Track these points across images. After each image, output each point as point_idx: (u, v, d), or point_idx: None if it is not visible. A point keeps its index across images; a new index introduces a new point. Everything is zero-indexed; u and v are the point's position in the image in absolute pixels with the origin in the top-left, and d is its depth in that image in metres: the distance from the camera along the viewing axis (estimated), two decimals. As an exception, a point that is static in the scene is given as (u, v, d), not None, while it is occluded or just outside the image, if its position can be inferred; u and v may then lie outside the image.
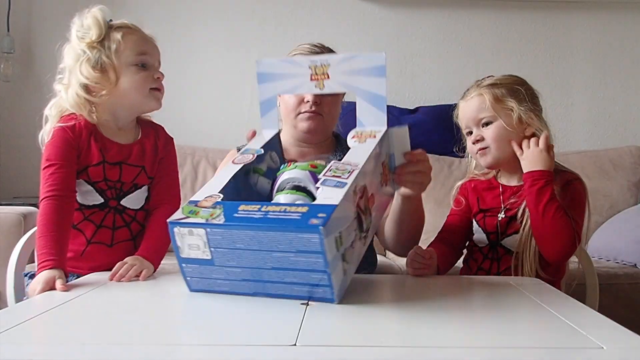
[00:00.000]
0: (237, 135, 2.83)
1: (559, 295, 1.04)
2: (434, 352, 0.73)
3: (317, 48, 1.55)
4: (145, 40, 1.31)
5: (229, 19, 2.86)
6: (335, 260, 0.88)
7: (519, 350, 0.74)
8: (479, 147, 1.37)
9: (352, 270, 0.98)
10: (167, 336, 0.81)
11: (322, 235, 0.84)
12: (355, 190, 0.95)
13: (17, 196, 2.61)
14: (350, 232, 0.93)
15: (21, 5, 2.82)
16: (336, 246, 0.88)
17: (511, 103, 1.35)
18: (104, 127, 1.30)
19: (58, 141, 1.24)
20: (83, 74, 1.25)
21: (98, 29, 1.27)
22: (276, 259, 0.89)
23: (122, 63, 1.26)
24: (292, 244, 0.87)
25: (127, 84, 1.27)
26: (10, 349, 0.72)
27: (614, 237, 2.28)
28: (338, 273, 0.90)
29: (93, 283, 1.12)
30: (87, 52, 1.26)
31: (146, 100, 1.30)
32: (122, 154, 1.29)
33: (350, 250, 0.94)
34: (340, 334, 0.81)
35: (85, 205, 1.27)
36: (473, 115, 1.38)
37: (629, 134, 2.89)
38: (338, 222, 0.89)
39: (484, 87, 1.38)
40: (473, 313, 0.94)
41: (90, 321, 0.88)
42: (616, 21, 2.89)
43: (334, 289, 0.90)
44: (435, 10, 2.90)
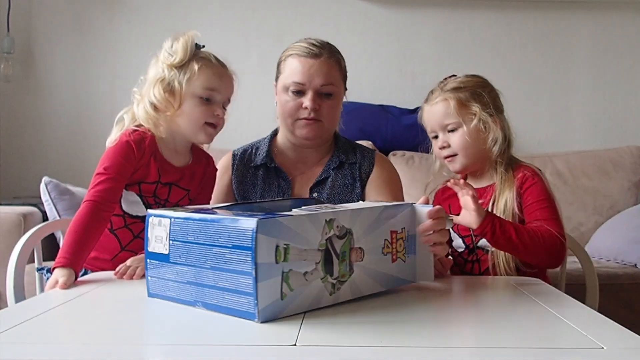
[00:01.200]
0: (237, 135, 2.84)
1: (559, 295, 1.04)
2: (434, 352, 0.73)
3: (314, 48, 1.44)
4: (219, 77, 1.35)
5: (228, 19, 2.86)
6: (269, 271, 0.82)
7: (519, 350, 0.74)
8: (446, 154, 1.40)
9: (297, 305, 0.86)
10: (167, 336, 0.81)
11: (255, 227, 0.80)
12: (330, 222, 0.89)
13: (17, 196, 2.61)
14: (307, 259, 0.86)
15: (21, 5, 2.82)
16: (276, 255, 0.82)
17: (475, 107, 1.37)
18: (164, 147, 1.35)
19: (120, 153, 1.29)
20: (154, 93, 1.31)
21: (183, 55, 1.32)
22: (214, 256, 0.86)
23: (190, 92, 1.31)
24: (230, 237, 0.84)
25: (186, 112, 1.32)
26: (10, 349, 0.72)
27: (614, 237, 2.28)
28: (270, 289, 0.82)
29: (93, 283, 1.12)
30: (165, 72, 1.32)
31: (197, 133, 1.35)
32: (176, 176, 1.36)
33: (302, 280, 0.86)
34: (340, 334, 0.81)
35: (129, 214, 1.33)
36: (438, 120, 1.39)
37: (629, 133, 2.88)
38: (288, 233, 0.83)
39: (448, 92, 1.39)
40: (473, 313, 0.94)
41: (90, 321, 0.88)
42: (616, 21, 2.89)
43: (258, 303, 0.81)
44: (435, 10, 2.90)
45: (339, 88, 1.48)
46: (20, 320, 0.83)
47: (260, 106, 2.80)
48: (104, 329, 0.83)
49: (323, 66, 1.43)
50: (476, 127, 1.36)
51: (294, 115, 1.45)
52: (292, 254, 0.84)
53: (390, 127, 2.64)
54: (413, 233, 1.05)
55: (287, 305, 0.85)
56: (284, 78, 1.46)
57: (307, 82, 1.42)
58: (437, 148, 1.42)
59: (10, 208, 2.12)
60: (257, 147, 1.57)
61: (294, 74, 1.43)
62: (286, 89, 1.45)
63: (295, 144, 1.51)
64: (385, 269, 1.00)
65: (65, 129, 2.79)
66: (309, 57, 1.43)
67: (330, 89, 1.44)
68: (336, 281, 0.91)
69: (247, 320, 0.83)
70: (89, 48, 2.79)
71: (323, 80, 1.42)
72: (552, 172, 2.56)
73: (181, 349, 0.74)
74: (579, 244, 1.53)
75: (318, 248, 0.88)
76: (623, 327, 0.80)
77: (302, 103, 1.43)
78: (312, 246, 0.87)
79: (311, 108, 1.42)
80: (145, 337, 0.81)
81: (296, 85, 1.43)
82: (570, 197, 2.50)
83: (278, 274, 0.83)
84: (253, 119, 2.80)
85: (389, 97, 2.80)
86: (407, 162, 2.57)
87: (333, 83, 1.44)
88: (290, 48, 1.49)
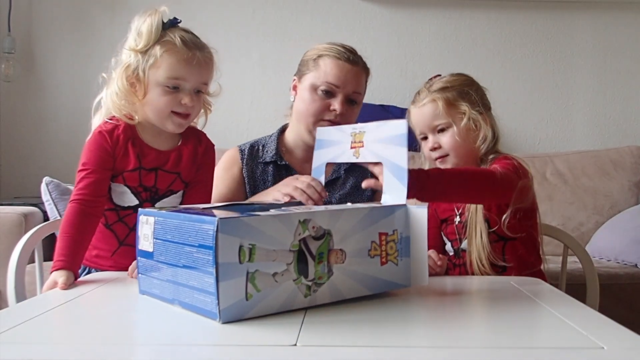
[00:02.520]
0: (237, 135, 2.84)
1: (559, 295, 1.04)
2: (434, 352, 0.73)
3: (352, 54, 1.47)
4: (185, 63, 1.23)
5: (229, 19, 2.86)
6: (232, 271, 0.81)
7: (519, 350, 0.74)
8: (437, 155, 1.37)
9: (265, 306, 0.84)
10: (168, 336, 0.81)
11: (216, 226, 0.79)
12: (304, 222, 0.87)
13: (18, 196, 2.61)
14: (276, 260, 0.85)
15: (22, 5, 2.82)
16: (240, 255, 0.81)
17: (464, 107, 1.35)
18: (144, 131, 1.29)
19: (94, 146, 1.25)
20: (117, 83, 1.24)
21: (147, 39, 1.23)
22: (186, 254, 0.86)
23: (153, 80, 1.23)
24: (196, 236, 0.83)
25: (151, 101, 1.25)
26: (10, 349, 0.72)
27: (614, 237, 2.28)
28: (233, 289, 0.81)
29: (93, 283, 1.12)
30: (131, 58, 1.24)
31: (164, 122, 1.27)
32: (159, 160, 1.29)
33: (270, 281, 0.84)
34: (340, 334, 0.81)
35: (121, 207, 1.28)
36: (427, 122, 1.37)
37: (629, 133, 2.89)
38: (254, 233, 0.82)
39: (435, 92, 1.36)
40: (473, 313, 0.94)
41: (90, 321, 0.88)
42: (616, 21, 2.89)
43: (220, 303, 0.80)
44: (435, 10, 2.90)
45: (362, 98, 1.52)
46: (20, 320, 0.83)
47: (261, 105, 2.80)
48: (104, 329, 0.83)
49: (358, 74, 1.47)
50: (466, 126, 1.34)
51: (319, 116, 1.45)
52: (259, 254, 0.83)
53: (391, 127, 2.64)
54: (407, 235, 1.00)
55: (254, 306, 0.83)
56: (315, 77, 1.45)
57: (341, 85, 1.44)
58: (427, 149, 1.40)
59: (11, 208, 2.12)
60: (263, 144, 1.56)
61: (329, 74, 1.43)
62: (315, 88, 1.44)
63: (307, 143, 1.50)
64: (372, 272, 0.96)
65: (65, 128, 2.79)
66: (348, 62, 1.45)
67: (358, 97, 1.48)
68: (312, 283, 0.89)
69: (247, 320, 0.83)
70: (90, 48, 2.79)
71: (355, 87, 1.45)
72: (553, 172, 2.56)
73: (180, 349, 0.74)
74: (580, 244, 1.53)
75: (290, 249, 0.86)
76: (623, 327, 0.80)
77: (329, 104, 1.44)
78: (283, 247, 0.85)
79: (340, 112, 1.43)
80: (145, 337, 0.81)
81: (329, 86, 1.44)
82: (571, 197, 2.50)
83: (242, 274, 0.82)
84: (254, 117, 2.80)
85: (389, 97, 2.80)
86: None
87: (361, 92, 1.49)
88: (322, 48, 1.49)
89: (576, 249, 1.49)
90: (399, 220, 0.99)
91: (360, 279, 0.95)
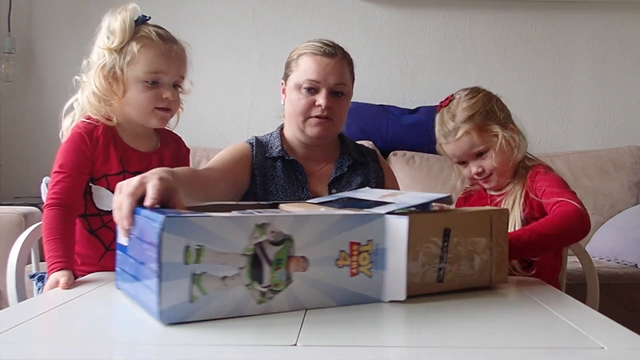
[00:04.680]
0: (237, 135, 2.84)
1: (559, 295, 1.04)
2: (434, 352, 0.73)
3: (329, 47, 1.45)
4: (163, 57, 1.24)
5: (229, 19, 2.86)
6: (175, 271, 0.79)
7: (519, 350, 0.74)
8: (482, 178, 1.41)
9: (212, 310, 0.82)
10: (167, 336, 0.81)
11: (161, 225, 0.77)
12: (262, 227, 0.84)
13: (18, 196, 2.61)
14: (226, 262, 0.82)
15: (22, 5, 2.82)
16: (186, 256, 0.79)
17: (495, 129, 1.38)
18: (124, 132, 1.27)
19: (72, 148, 1.23)
20: (95, 83, 1.22)
21: (121, 36, 1.21)
22: (142, 251, 0.85)
23: (132, 77, 1.22)
24: (149, 233, 0.82)
25: (132, 98, 1.24)
26: (10, 349, 0.72)
27: (614, 237, 2.28)
28: (176, 290, 0.79)
29: (93, 283, 1.12)
30: (106, 57, 1.22)
31: (147, 118, 1.26)
32: (142, 163, 1.27)
33: (218, 284, 0.81)
34: (340, 334, 0.80)
35: (104, 211, 1.26)
36: (466, 152, 1.40)
37: (629, 133, 2.89)
38: (203, 234, 0.80)
39: (465, 123, 1.38)
40: (473, 313, 0.93)
41: (90, 321, 0.88)
42: (616, 21, 2.89)
43: (161, 303, 0.78)
44: (435, 10, 2.90)
45: (350, 88, 1.50)
46: (20, 320, 0.83)
47: (261, 104, 2.80)
48: (104, 329, 0.83)
49: (337, 65, 1.44)
50: (501, 147, 1.38)
51: (306, 113, 1.44)
52: (207, 256, 0.80)
53: (391, 127, 2.64)
54: (384, 247, 0.93)
55: (199, 309, 0.81)
56: (297, 76, 1.45)
57: (322, 80, 1.42)
58: (467, 172, 1.43)
59: (11, 208, 2.12)
60: (267, 140, 1.55)
61: (309, 71, 1.43)
62: (298, 87, 1.44)
63: (303, 142, 1.51)
64: (340, 283, 0.91)
65: (65, 129, 2.79)
66: (324, 55, 1.43)
67: (343, 89, 1.46)
68: (267, 290, 0.85)
69: (246, 320, 0.83)
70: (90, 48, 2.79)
71: (337, 79, 1.43)
72: (553, 172, 2.57)
73: (181, 348, 0.73)
74: (580, 244, 1.53)
75: (244, 253, 0.83)
76: (623, 327, 0.80)
77: (314, 101, 1.43)
78: (236, 250, 0.82)
79: (325, 106, 1.42)
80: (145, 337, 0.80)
81: (311, 82, 1.43)
82: (571, 197, 2.50)
83: (186, 276, 0.79)
84: (254, 117, 2.80)
85: (389, 97, 2.80)
86: (408, 162, 2.57)
87: (345, 83, 1.46)
88: (301, 47, 1.49)
89: (576, 249, 1.49)
90: (375, 231, 0.93)
91: (325, 290, 0.90)
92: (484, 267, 1.03)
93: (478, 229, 1.02)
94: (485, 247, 1.03)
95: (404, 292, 0.93)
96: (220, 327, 0.81)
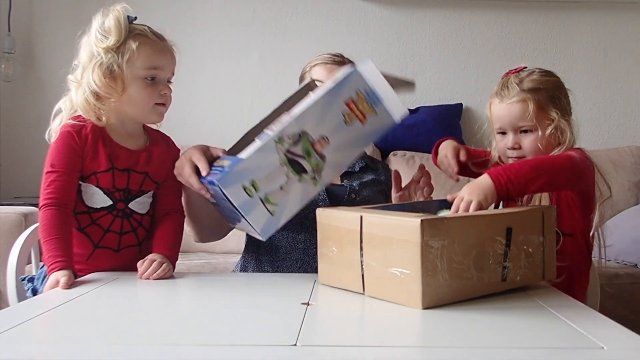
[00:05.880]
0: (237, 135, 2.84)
1: (559, 295, 1.04)
2: (434, 352, 0.73)
3: (338, 57, 1.56)
4: (160, 53, 1.27)
5: (230, 19, 2.86)
6: (249, 204, 1.06)
7: (519, 350, 0.74)
8: (516, 155, 1.32)
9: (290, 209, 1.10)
10: (167, 336, 0.81)
11: (219, 186, 1.05)
12: (282, 138, 1.07)
13: (18, 196, 2.61)
14: (275, 177, 1.07)
15: (22, 5, 2.82)
16: (247, 192, 1.05)
17: (554, 114, 1.29)
18: (113, 131, 1.28)
19: (62, 146, 1.23)
20: (94, 80, 1.22)
21: (117, 35, 1.23)
22: (224, 202, 1.10)
23: (132, 74, 1.23)
24: (217, 193, 1.09)
25: (133, 95, 1.24)
26: (10, 349, 0.72)
27: (614, 237, 2.28)
28: (258, 214, 1.07)
29: (94, 283, 1.12)
30: (102, 56, 1.23)
31: (148, 114, 1.28)
32: (131, 160, 1.28)
33: (280, 193, 1.08)
34: (340, 334, 0.81)
35: (94, 208, 1.25)
36: (513, 122, 1.30)
37: (629, 134, 2.89)
38: (247, 172, 1.05)
39: (527, 92, 1.30)
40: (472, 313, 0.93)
41: (90, 321, 0.88)
42: (616, 21, 2.89)
43: (256, 228, 1.08)
44: (435, 10, 2.90)
45: None
46: (20, 320, 0.83)
47: (261, 104, 2.80)
48: (104, 329, 0.83)
49: None
50: (551, 134, 1.29)
51: None
52: (259, 182, 1.06)
53: (391, 127, 2.64)
54: (371, 87, 1.14)
55: (281, 215, 1.09)
56: None
57: None
58: (503, 144, 1.34)
59: (11, 208, 2.12)
60: None
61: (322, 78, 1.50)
62: None
63: None
64: (358, 134, 1.14)
65: (65, 129, 2.79)
66: (335, 64, 1.54)
67: None
68: (314, 173, 1.11)
69: (246, 320, 0.83)
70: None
71: None
72: (553, 172, 2.56)
73: (181, 348, 0.74)
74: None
75: (281, 164, 1.08)
76: (623, 327, 0.80)
77: None
78: (275, 166, 1.07)
79: None
80: (144, 337, 0.81)
81: None
82: (571, 197, 2.50)
83: (257, 202, 1.06)
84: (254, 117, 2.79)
85: (389, 97, 2.80)
86: (408, 162, 2.57)
87: None
88: (314, 60, 1.60)
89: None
90: (356, 83, 1.14)
91: (351, 144, 1.14)
92: (538, 264, 1.06)
93: (532, 226, 1.05)
94: (539, 244, 1.06)
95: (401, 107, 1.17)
96: (221, 327, 0.81)
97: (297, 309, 0.89)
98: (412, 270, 0.89)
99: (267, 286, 1.13)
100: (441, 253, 0.90)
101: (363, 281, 0.98)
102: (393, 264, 0.92)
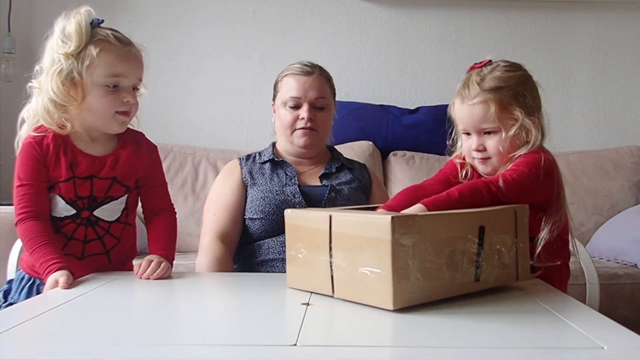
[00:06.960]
0: (237, 135, 2.84)
1: (559, 295, 1.04)
2: (433, 352, 0.73)
3: (307, 67, 1.61)
4: (123, 60, 1.21)
5: (229, 19, 2.86)
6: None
7: (519, 350, 0.74)
8: (481, 156, 1.29)
9: None
10: (167, 336, 0.81)
11: None
12: None
13: (18, 196, 2.61)
14: None
15: (22, 5, 2.82)
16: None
17: (517, 113, 1.24)
18: (77, 138, 1.25)
19: (26, 158, 1.22)
20: (52, 88, 1.18)
21: (78, 40, 1.19)
22: None
23: (92, 81, 1.19)
24: None
25: (92, 104, 1.20)
26: (10, 349, 0.72)
27: (614, 237, 2.28)
28: None
29: (93, 283, 1.12)
30: (62, 62, 1.19)
31: (109, 124, 1.24)
32: (94, 167, 1.24)
33: None
34: (340, 334, 0.81)
35: (58, 217, 1.23)
36: (475, 123, 1.26)
37: (629, 133, 2.88)
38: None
39: (488, 92, 1.24)
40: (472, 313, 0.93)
41: (90, 321, 0.88)
42: (616, 21, 2.89)
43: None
44: (435, 10, 2.90)
45: (330, 102, 1.65)
46: (20, 320, 0.83)
47: (261, 104, 2.80)
48: (104, 329, 0.83)
49: (315, 82, 1.60)
50: (516, 134, 1.24)
51: (292, 127, 1.59)
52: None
53: (391, 127, 2.64)
54: None
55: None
56: (282, 95, 1.61)
57: (302, 96, 1.58)
58: (467, 146, 1.30)
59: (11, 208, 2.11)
60: (260, 153, 1.68)
61: (291, 90, 1.60)
62: (284, 104, 1.60)
63: (292, 153, 1.64)
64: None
65: (65, 129, 2.79)
66: (303, 74, 1.61)
67: (323, 102, 1.61)
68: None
69: (246, 320, 0.83)
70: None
71: (316, 94, 1.59)
72: (553, 172, 2.56)
73: (181, 348, 0.74)
74: (580, 244, 1.53)
75: None
76: (623, 327, 0.80)
77: (298, 115, 1.59)
78: None
79: (307, 118, 1.57)
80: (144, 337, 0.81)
81: (293, 99, 1.58)
82: (571, 197, 2.49)
83: None
84: (254, 117, 2.80)
85: (389, 97, 2.80)
86: (408, 162, 2.57)
87: (325, 97, 1.61)
88: (285, 70, 1.66)
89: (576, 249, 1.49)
90: None
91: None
92: (511, 264, 1.05)
93: (505, 225, 1.04)
94: (512, 243, 1.04)
95: None
96: (221, 327, 0.81)
97: (297, 309, 0.89)
98: (383, 269, 0.87)
99: (267, 286, 1.13)
100: (413, 252, 0.88)
101: (332, 283, 0.95)
102: (363, 264, 0.90)
